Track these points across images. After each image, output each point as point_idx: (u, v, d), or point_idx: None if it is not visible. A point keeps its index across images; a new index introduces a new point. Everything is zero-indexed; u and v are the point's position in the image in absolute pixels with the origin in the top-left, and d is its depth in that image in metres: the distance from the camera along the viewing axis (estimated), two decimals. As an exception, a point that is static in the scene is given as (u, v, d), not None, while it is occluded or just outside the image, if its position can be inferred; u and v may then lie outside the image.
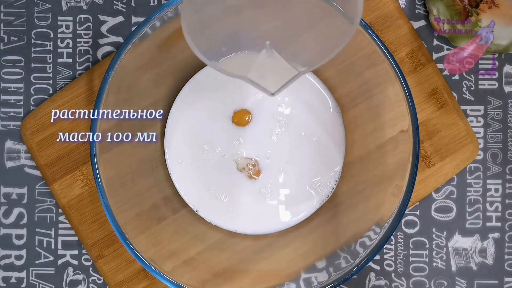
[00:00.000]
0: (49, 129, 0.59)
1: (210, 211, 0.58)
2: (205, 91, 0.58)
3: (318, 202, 0.58)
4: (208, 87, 0.58)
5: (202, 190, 0.58)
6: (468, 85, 0.61)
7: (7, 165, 0.61)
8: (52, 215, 0.61)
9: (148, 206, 0.57)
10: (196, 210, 0.58)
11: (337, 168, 0.58)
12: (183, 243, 0.57)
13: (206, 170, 0.58)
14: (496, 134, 0.61)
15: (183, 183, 0.59)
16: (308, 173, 0.58)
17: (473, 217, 0.61)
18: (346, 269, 0.52)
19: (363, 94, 0.56)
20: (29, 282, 0.61)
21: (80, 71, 0.61)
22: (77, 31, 0.61)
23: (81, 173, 0.59)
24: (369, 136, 0.56)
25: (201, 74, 0.58)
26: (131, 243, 0.51)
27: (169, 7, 0.50)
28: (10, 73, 0.61)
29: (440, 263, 0.60)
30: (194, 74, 0.59)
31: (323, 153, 0.58)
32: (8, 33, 0.61)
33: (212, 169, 0.58)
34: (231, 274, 0.56)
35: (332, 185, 0.58)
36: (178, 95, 0.58)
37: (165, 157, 0.58)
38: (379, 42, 0.51)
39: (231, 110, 0.58)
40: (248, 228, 0.58)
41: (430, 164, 0.59)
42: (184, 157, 0.59)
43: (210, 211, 0.58)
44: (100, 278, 0.61)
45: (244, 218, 0.58)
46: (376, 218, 0.53)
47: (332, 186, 0.58)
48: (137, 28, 0.50)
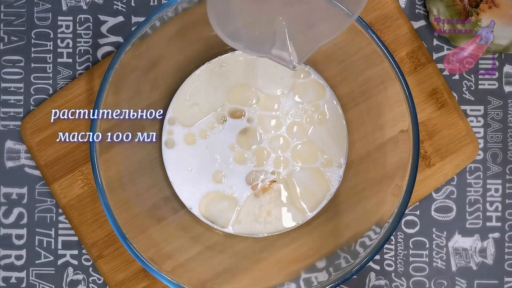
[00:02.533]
0: (49, 129, 0.59)
1: (210, 214, 0.58)
2: (203, 90, 0.58)
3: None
4: (206, 85, 0.58)
5: (201, 192, 0.58)
6: (468, 85, 0.61)
7: (7, 165, 0.61)
8: (52, 215, 0.61)
9: (148, 206, 0.57)
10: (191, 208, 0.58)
11: (340, 167, 0.58)
12: (183, 243, 0.57)
13: (206, 171, 0.58)
14: (496, 134, 0.61)
15: (182, 185, 0.59)
16: (309, 173, 0.58)
17: (473, 217, 0.61)
18: (346, 269, 0.52)
19: (363, 94, 0.56)
20: (29, 282, 0.61)
21: (80, 71, 0.61)
22: (77, 31, 0.61)
23: (81, 173, 0.59)
24: (369, 136, 0.56)
25: (200, 71, 0.59)
26: (131, 243, 0.51)
27: (169, 7, 0.50)
28: (10, 73, 0.61)
29: (440, 263, 0.60)
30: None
31: (325, 154, 0.58)
32: (8, 33, 0.61)
33: (212, 170, 0.58)
34: (231, 274, 0.56)
35: (337, 185, 0.58)
36: (176, 95, 0.58)
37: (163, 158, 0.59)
38: (379, 42, 0.51)
39: (230, 108, 0.58)
40: (247, 230, 0.58)
41: (430, 164, 0.59)
42: (183, 158, 0.59)
43: (210, 214, 0.58)
44: (100, 278, 0.61)
45: (244, 220, 0.58)
46: (376, 218, 0.53)
47: (336, 186, 0.58)
48: (137, 28, 0.50)
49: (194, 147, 0.58)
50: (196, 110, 0.58)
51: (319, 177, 0.58)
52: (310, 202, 0.58)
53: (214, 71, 0.58)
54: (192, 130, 0.58)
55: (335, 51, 0.56)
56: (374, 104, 0.55)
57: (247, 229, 0.58)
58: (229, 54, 0.58)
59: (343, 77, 0.57)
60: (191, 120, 0.58)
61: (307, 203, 0.58)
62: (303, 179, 0.58)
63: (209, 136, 0.58)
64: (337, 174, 0.58)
